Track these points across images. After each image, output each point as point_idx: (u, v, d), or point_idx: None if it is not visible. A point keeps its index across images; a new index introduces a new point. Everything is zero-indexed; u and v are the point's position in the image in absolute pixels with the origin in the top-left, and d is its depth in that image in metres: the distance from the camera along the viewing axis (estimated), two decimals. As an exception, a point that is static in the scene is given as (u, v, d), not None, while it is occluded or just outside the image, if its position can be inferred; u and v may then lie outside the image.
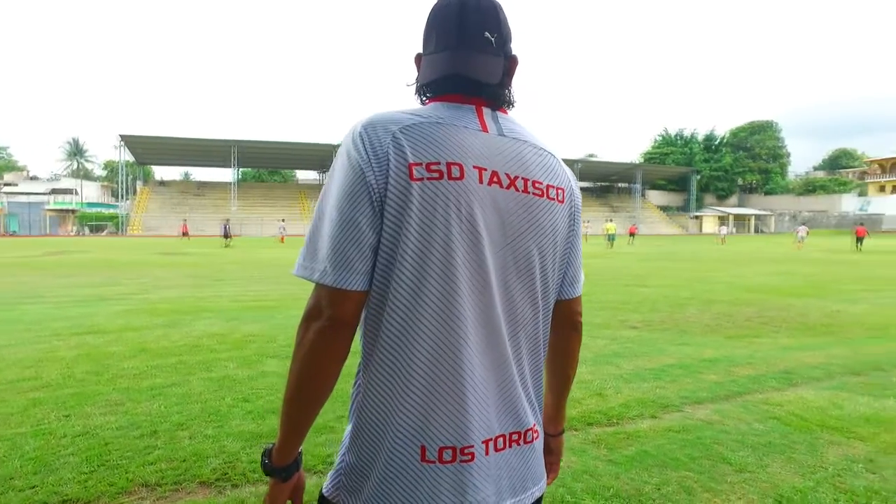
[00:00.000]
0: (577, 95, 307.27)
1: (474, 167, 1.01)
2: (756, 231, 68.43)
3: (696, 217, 70.19)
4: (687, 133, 80.00)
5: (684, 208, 74.41)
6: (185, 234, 36.93)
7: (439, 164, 0.98)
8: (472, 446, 1.01)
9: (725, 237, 41.64)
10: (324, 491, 1.09)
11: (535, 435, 1.12)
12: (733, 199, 78.14)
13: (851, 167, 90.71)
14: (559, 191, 1.11)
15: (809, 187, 79.61)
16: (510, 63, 1.10)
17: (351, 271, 0.95)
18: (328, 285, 0.95)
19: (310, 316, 0.96)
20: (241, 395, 4.41)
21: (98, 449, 3.36)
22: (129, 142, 51.41)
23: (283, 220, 40.53)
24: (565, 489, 2.93)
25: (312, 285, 0.98)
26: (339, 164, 1.00)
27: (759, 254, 26.33)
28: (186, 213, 51.65)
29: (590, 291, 11.14)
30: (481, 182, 1.01)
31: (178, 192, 59.58)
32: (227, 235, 33.09)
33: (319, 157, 59.05)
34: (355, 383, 1.07)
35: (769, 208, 73.37)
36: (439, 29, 1.07)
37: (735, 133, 78.75)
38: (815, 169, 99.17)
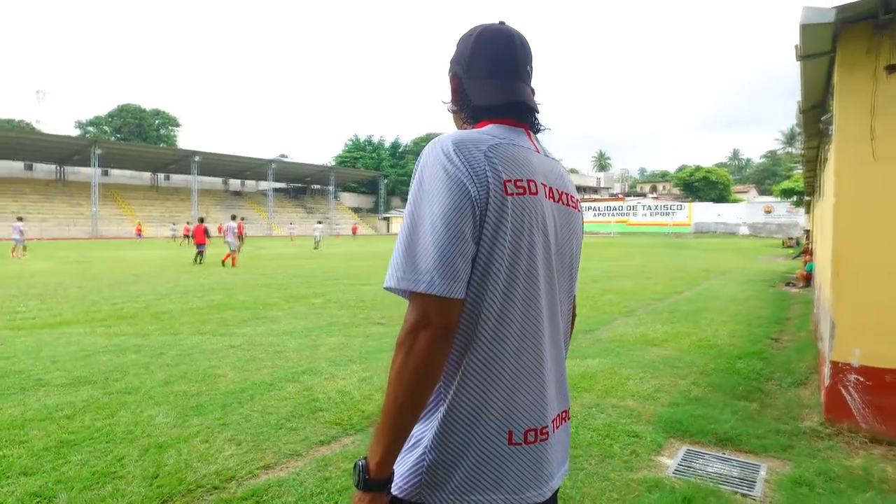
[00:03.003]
0: (265, 95, 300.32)
1: (542, 184, 1.17)
2: (435, 230, 77.76)
3: (386, 218, 76.21)
4: (375, 139, 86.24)
5: (374, 210, 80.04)
6: None
7: (522, 180, 1.11)
8: (547, 426, 1.18)
9: None
10: (399, 494, 1.10)
11: (569, 412, 1.34)
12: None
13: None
14: (579, 202, 1.33)
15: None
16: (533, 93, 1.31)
17: (458, 280, 1.02)
18: (438, 295, 1.00)
19: (417, 326, 1.01)
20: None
21: None
22: None
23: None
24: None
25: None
26: (434, 178, 1.06)
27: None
28: None
29: (323, 292, 11.32)
30: (546, 197, 1.18)
31: None
32: None
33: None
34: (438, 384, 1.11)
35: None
36: (493, 57, 1.21)
37: (417, 142, 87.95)
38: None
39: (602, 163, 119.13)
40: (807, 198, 26.90)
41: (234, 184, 73.03)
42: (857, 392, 3.89)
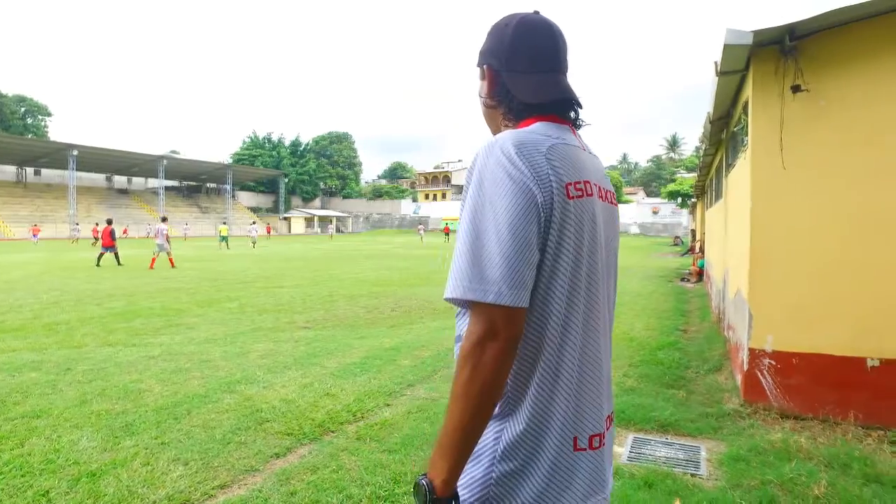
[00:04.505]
0: (153, 87, 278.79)
1: (595, 184, 1.15)
2: (338, 231, 76.36)
3: (286, 218, 73.69)
4: (275, 137, 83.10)
5: (274, 210, 77.15)
6: None
7: (580, 182, 1.09)
8: (604, 431, 1.16)
9: (333, 235, 45.88)
10: None
11: (613, 414, 1.32)
12: (317, 202, 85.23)
13: (405, 178, 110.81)
14: (615, 196, 1.30)
15: (377, 193, 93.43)
16: None
17: (525, 290, 0.99)
18: (506, 305, 0.97)
19: (485, 337, 0.97)
20: None
21: None
22: None
23: None
24: (373, 487, 3.06)
25: None
26: (497, 182, 1.01)
27: (357, 251, 29.77)
28: None
29: (236, 296, 10.77)
30: (598, 197, 1.16)
31: None
32: None
33: None
34: (503, 395, 1.06)
35: (347, 210, 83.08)
36: (534, 50, 1.16)
37: (317, 141, 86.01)
38: (380, 177, 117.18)
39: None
40: (693, 199, 29.38)
41: (120, 181, 67.29)
42: (770, 374, 4.33)
